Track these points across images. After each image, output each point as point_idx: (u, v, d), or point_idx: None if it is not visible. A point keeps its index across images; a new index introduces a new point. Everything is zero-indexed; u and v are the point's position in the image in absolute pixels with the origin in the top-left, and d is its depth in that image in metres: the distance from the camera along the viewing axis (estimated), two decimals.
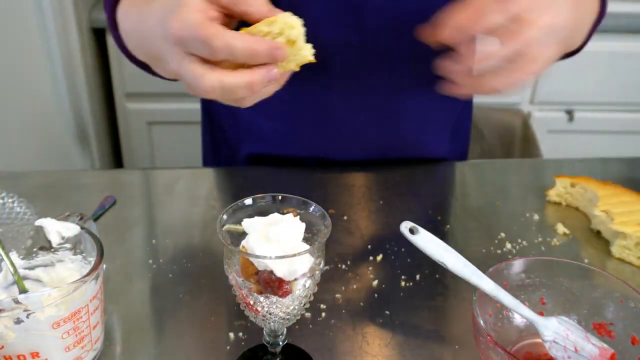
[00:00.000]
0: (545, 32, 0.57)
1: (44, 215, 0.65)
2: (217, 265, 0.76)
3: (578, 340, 0.58)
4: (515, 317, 0.63)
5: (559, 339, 0.58)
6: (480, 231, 0.84)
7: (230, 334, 0.65)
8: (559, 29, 0.59)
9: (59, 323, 0.55)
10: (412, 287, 0.74)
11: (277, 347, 0.60)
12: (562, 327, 0.59)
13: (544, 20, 0.57)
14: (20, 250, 0.63)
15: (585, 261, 0.79)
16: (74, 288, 0.54)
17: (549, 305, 0.64)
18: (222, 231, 0.55)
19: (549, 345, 0.59)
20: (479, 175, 1.00)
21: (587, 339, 0.59)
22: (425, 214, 0.90)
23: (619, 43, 1.81)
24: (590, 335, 0.60)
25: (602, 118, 1.93)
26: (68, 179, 0.96)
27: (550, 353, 0.59)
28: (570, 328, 0.59)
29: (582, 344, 0.58)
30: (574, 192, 0.90)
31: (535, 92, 1.89)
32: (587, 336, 0.59)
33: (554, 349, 0.58)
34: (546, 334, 0.59)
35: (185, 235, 0.83)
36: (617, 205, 0.82)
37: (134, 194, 0.93)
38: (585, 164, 1.03)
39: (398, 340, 0.65)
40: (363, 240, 0.82)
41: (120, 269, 0.76)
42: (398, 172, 0.98)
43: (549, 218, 0.88)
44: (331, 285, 0.73)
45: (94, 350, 0.61)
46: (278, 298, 0.53)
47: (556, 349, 0.58)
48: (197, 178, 0.98)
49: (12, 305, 0.52)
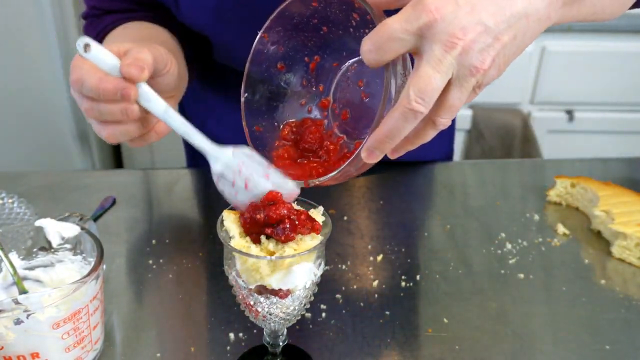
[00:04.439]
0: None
1: (44, 215, 0.65)
2: (217, 265, 0.76)
3: (252, 176, 0.54)
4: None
5: (228, 173, 0.55)
6: (480, 231, 0.84)
7: (230, 334, 0.65)
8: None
9: (59, 324, 0.55)
10: (412, 287, 0.74)
11: (277, 348, 0.60)
12: (236, 160, 0.55)
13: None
14: (20, 251, 0.63)
15: (586, 261, 0.79)
16: (74, 289, 0.54)
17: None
18: (222, 231, 0.55)
19: (216, 178, 0.56)
20: (479, 175, 1.00)
21: (266, 176, 0.55)
22: (425, 214, 0.90)
23: (619, 43, 1.81)
24: (274, 171, 0.55)
25: (602, 118, 1.93)
26: (68, 179, 0.96)
27: (217, 186, 0.56)
28: (246, 162, 0.55)
29: (256, 181, 0.54)
30: (574, 192, 0.90)
31: (535, 92, 1.89)
32: (268, 174, 0.55)
33: (220, 183, 0.56)
34: (215, 166, 0.56)
35: (185, 235, 0.83)
36: (618, 206, 0.82)
37: (134, 194, 0.93)
38: (585, 164, 1.03)
39: (398, 340, 0.65)
40: (363, 240, 0.82)
41: (120, 269, 0.76)
42: (398, 172, 0.98)
43: (549, 218, 0.88)
44: (331, 285, 0.73)
45: (94, 351, 0.61)
46: (278, 299, 0.53)
47: (222, 184, 0.55)
48: (197, 178, 0.98)
49: (12, 305, 0.52)
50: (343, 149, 0.60)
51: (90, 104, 0.58)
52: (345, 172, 0.53)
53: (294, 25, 0.58)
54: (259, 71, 0.60)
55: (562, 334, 0.67)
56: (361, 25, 0.55)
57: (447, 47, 0.45)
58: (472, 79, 0.46)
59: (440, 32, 0.45)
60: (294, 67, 0.62)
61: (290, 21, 0.58)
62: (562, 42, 1.80)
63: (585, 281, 0.75)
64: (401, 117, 0.46)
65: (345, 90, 0.62)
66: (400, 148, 0.52)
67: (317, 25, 0.58)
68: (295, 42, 0.60)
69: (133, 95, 0.56)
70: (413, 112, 0.46)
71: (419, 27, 0.45)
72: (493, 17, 0.45)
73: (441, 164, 1.03)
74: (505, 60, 0.48)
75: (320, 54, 0.61)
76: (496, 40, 0.46)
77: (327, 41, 0.60)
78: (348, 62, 0.61)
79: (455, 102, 0.48)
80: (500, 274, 0.76)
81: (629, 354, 0.64)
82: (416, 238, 0.83)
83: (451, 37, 0.45)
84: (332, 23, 0.58)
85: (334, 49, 0.60)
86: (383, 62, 0.48)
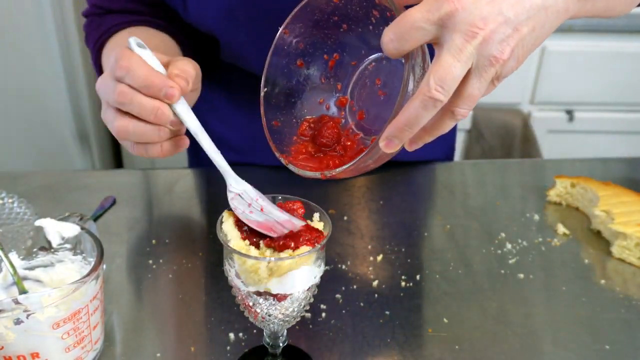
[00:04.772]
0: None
1: (44, 215, 0.65)
2: (217, 265, 0.76)
3: (267, 207, 0.55)
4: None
5: (246, 197, 0.56)
6: (480, 231, 0.84)
7: (230, 334, 0.65)
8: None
9: (59, 323, 0.55)
10: (412, 287, 0.74)
11: (277, 349, 0.60)
12: (254, 193, 0.57)
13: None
14: (20, 251, 0.63)
15: (586, 261, 0.79)
16: (74, 288, 0.54)
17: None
18: (221, 232, 0.55)
19: (233, 196, 0.56)
20: (479, 175, 1.00)
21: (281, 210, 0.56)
22: (425, 214, 0.90)
23: (619, 43, 1.81)
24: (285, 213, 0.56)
25: (602, 118, 1.93)
26: (68, 179, 0.96)
27: (232, 204, 0.56)
28: (261, 197, 0.56)
29: (270, 210, 0.55)
30: (574, 192, 0.90)
31: (535, 92, 1.89)
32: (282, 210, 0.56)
33: (236, 200, 0.56)
34: (234, 185, 0.57)
35: (185, 235, 0.83)
36: (618, 206, 0.82)
37: (134, 194, 0.93)
38: (585, 164, 1.03)
39: (398, 340, 0.65)
40: (363, 240, 0.82)
41: (120, 269, 0.76)
42: (398, 172, 0.98)
43: (549, 218, 0.88)
44: (331, 285, 0.73)
45: (94, 351, 0.61)
46: (276, 300, 0.53)
47: (238, 202, 0.56)
48: (197, 178, 0.98)
49: (12, 305, 0.52)
50: (360, 145, 0.60)
51: (129, 89, 0.58)
52: (362, 164, 0.53)
53: (315, 21, 0.59)
54: (279, 66, 0.60)
55: (562, 334, 0.67)
56: (381, 22, 0.56)
57: (468, 37, 0.45)
58: (491, 69, 0.47)
59: (461, 22, 0.45)
60: (313, 64, 0.62)
61: (311, 17, 0.58)
62: (562, 42, 1.80)
63: (585, 281, 0.75)
64: (421, 105, 0.47)
65: (362, 89, 0.63)
66: (418, 139, 0.52)
67: (338, 22, 0.59)
68: (315, 39, 0.61)
69: (176, 96, 0.57)
70: (433, 100, 0.46)
71: (440, 16, 0.46)
72: (513, 8, 0.46)
73: (441, 164, 1.03)
74: (524, 51, 0.48)
75: (340, 51, 0.62)
76: (516, 31, 0.47)
77: (347, 39, 0.61)
78: (366, 60, 0.62)
79: (475, 92, 0.48)
80: (500, 274, 0.76)
81: (629, 354, 0.64)
82: (416, 238, 0.83)
83: (472, 26, 0.45)
84: (352, 20, 0.58)
85: (353, 46, 0.61)
86: (404, 52, 0.48)
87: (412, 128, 0.49)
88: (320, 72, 0.63)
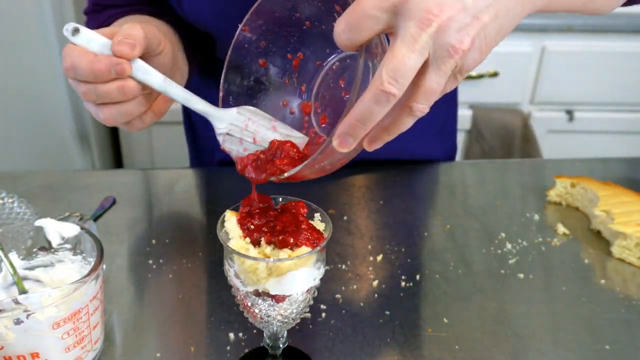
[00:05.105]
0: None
1: (44, 215, 0.65)
2: (217, 265, 0.76)
3: (259, 130, 0.54)
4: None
5: (235, 130, 0.54)
6: (480, 231, 0.84)
7: (230, 335, 0.65)
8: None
9: (59, 323, 0.55)
10: (412, 287, 0.74)
11: (277, 350, 0.60)
12: (242, 118, 0.55)
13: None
14: (20, 251, 0.63)
15: (586, 261, 0.79)
16: (73, 288, 0.54)
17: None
18: (221, 232, 0.55)
19: (222, 138, 0.55)
20: (479, 175, 1.00)
21: (274, 129, 0.54)
22: (425, 214, 0.90)
23: (619, 43, 1.81)
24: (280, 124, 0.55)
25: (602, 118, 1.93)
26: (68, 179, 0.96)
27: (224, 146, 0.55)
28: (252, 118, 0.54)
29: (264, 134, 0.54)
30: (574, 192, 0.90)
31: (535, 92, 1.89)
32: (275, 126, 0.55)
33: (227, 142, 0.55)
34: (219, 126, 0.55)
35: (185, 235, 0.83)
36: (618, 206, 0.82)
37: (134, 194, 0.93)
38: (585, 164, 1.03)
39: (398, 340, 0.65)
40: (363, 240, 0.82)
41: (120, 269, 0.76)
42: (398, 172, 0.98)
43: (549, 218, 0.88)
44: (331, 285, 0.73)
45: (94, 351, 0.61)
46: (275, 301, 0.52)
47: (230, 142, 0.54)
48: (197, 178, 0.98)
49: (12, 305, 0.52)
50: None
51: (87, 87, 0.57)
52: (316, 163, 0.49)
53: (276, 19, 0.57)
54: (240, 64, 0.59)
55: (562, 334, 0.67)
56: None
57: (422, 25, 0.42)
58: (450, 60, 0.43)
59: (415, 9, 0.42)
60: (276, 64, 0.60)
61: (272, 15, 0.56)
62: (562, 42, 1.80)
63: (585, 281, 0.75)
64: (373, 99, 0.43)
65: (326, 90, 0.61)
66: (377, 138, 0.48)
67: (300, 19, 0.57)
68: (277, 37, 0.58)
69: (127, 69, 0.55)
70: (385, 94, 0.43)
71: (393, 3, 0.43)
72: None
73: (441, 164, 1.03)
74: (487, 42, 0.45)
75: (303, 51, 0.60)
76: (476, 19, 0.43)
77: (310, 37, 0.58)
78: (329, 60, 0.60)
79: (433, 85, 0.44)
80: (500, 274, 0.76)
81: (629, 354, 0.64)
82: (416, 238, 0.83)
83: (427, 13, 0.42)
84: (314, 17, 0.56)
85: (317, 45, 0.59)
86: (357, 43, 0.45)
87: (365, 125, 0.45)
88: (284, 72, 0.60)
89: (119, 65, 0.55)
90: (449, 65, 0.43)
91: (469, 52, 0.44)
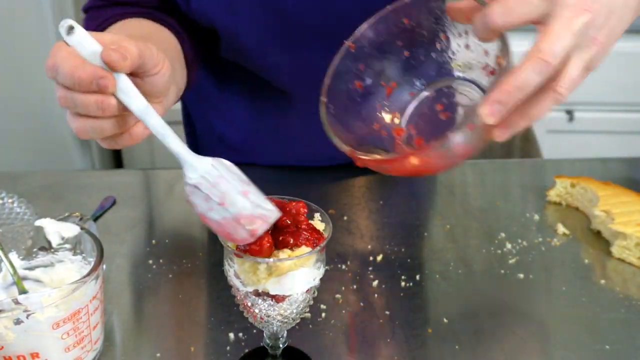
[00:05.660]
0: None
1: (44, 215, 0.65)
2: (217, 265, 0.76)
3: (229, 193, 0.50)
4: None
5: (204, 186, 0.50)
6: (480, 231, 0.84)
7: (230, 334, 0.65)
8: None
9: (59, 323, 0.55)
10: (412, 287, 0.73)
11: (277, 350, 0.59)
12: (215, 173, 0.50)
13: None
14: (20, 251, 0.63)
15: (586, 261, 0.79)
16: (73, 288, 0.54)
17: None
18: None
19: (190, 189, 0.50)
20: (479, 175, 1.00)
21: (245, 194, 0.50)
22: (425, 214, 0.90)
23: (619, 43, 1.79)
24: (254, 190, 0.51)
25: (602, 118, 1.93)
26: (68, 179, 0.96)
27: (189, 199, 0.51)
28: (225, 176, 0.50)
29: (234, 198, 0.49)
30: (574, 192, 0.90)
31: None
32: (248, 191, 0.50)
33: (194, 195, 0.50)
34: (190, 175, 0.51)
35: (185, 235, 0.83)
36: (618, 206, 0.82)
37: (134, 194, 0.93)
38: (585, 164, 1.03)
39: (398, 340, 0.65)
40: (363, 240, 0.82)
41: (120, 269, 0.76)
42: None
43: (549, 218, 0.88)
44: (331, 285, 0.73)
45: (93, 351, 0.61)
46: (275, 301, 0.52)
47: (197, 196, 0.50)
48: None
49: (12, 305, 0.52)
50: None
51: (65, 92, 0.52)
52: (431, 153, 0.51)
53: (379, 44, 0.59)
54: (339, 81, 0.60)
55: (562, 334, 0.67)
56: (445, 48, 0.57)
57: (578, 12, 0.48)
58: (592, 48, 0.49)
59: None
60: (371, 88, 0.63)
61: (377, 39, 0.59)
62: None
63: (585, 281, 0.75)
64: (532, 67, 0.47)
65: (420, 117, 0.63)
66: (513, 123, 0.51)
67: (401, 48, 0.60)
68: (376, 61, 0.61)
69: (111, 86, 0.50)
70: (545, 63, 0.47)
71: None
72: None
73: None
74: (610, 42, 0.51)
75: (398, 80, 0.62)
76: (608, 19, 0.50)
77: (407, 67, 0.61)
78: (424, 93, 0.63)
79: (574, 72, 0.49)
80: (500, 274, 0.76)
81: (629, 354, 0.64)
82: (416, 238, 0.83)
83: (582, 3, 0.48)
84: (416, 46, 0.59)
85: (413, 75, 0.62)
86: (508, 26, 0.49)
87: (521, 91, 0.48)
88: (377, 98, 0.63)
89: (102, 79, 0.50)
90: (588, 54, 0.50)
91: (604, 46, 0.50)
